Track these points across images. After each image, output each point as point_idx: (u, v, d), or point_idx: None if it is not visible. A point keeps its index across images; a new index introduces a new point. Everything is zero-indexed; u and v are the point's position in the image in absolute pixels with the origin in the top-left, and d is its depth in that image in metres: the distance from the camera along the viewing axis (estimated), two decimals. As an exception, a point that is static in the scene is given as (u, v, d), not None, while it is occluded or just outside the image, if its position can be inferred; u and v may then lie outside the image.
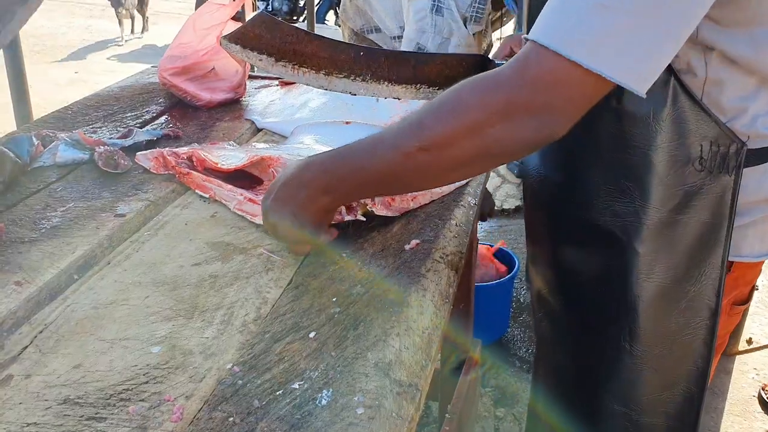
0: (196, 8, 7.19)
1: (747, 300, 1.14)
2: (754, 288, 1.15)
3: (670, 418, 1.08)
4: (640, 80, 0.79)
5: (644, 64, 0.79)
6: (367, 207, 1.10)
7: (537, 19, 0.82)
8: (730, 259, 1.01)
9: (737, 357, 2.59)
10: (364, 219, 1.08)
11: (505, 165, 4.16)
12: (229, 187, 1.18)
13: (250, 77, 1.85)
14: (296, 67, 1.17)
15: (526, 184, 1.23)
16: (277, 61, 1.16)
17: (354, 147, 0.95)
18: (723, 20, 0.87)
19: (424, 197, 1.18)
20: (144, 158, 1.32)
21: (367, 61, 1.16)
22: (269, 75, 2.06)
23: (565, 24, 0.78)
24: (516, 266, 2.58)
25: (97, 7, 8.30)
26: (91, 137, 1.40)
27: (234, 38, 1.17)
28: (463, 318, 1.85)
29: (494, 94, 0.82)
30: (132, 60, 7.34)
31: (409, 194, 1.15)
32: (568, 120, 0.82)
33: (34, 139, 1.35)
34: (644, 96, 0.80)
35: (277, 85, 1.80)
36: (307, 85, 1.18)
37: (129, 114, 1.63)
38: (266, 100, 1.71)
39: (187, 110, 1.66)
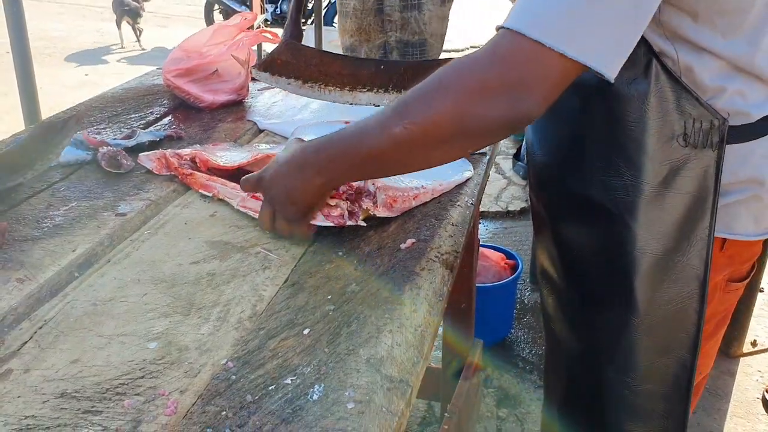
0: (204, 12, 7.19)
1: (745, 277, 1.18)
2: (754, 266, 1.18)
3: (665, 385, 1.12)
4: (604, 63, 0.85)
5: (606, 45, 0.84)
6: (369, 212, 1.11)
7: (511, 8, 0.88)
8: (723, 235, 1.06)
9: (741, 359, 2.58)
10: (365, 224, 1.10)
11: (510, 167, 4.15)
12: (233, 184, 1.19)
13: (253, 79, 1.87)
14: (322, 86, 1.25)
15: (530, 166, 1.28)
16: (305, 83, 1.26)
17: (345, 130, 1.00)
18: (684, 8, 0.92)
19: (425, 195, 1.20)
20: (146, 159, 1.34)
21: (388, 74, 1.23)
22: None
23: (530, 9, 0.85)
24: (520, 267, 2.58)
25: (107, 11, 8.35)
26: (95, 138, 1.42)
27: (263, 67, 1.27)
28: (465, 318, 1.86)
29: (469, 74, 0.88)
30: (141, 62, 7.39)
31: (411, 193, 1.17)
32: (541, 99, 0.86)
33: (38, 139, 1.37)
34: (612, 80, 0.85)
35: (280, 87, 1.82)
36: (334, 102, 1.23)
37: (133, 115, 1.65)
38: (268, 102, 1.73)
39: (190, 111, 1.67)
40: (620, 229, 1.04)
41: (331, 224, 1.07)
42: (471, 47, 7.45)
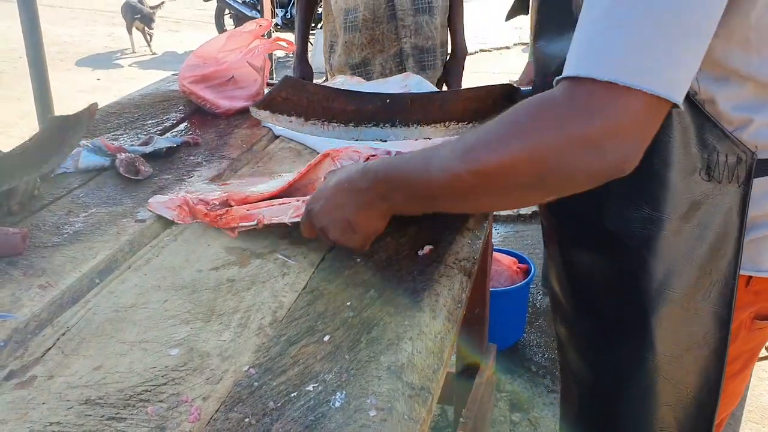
0: (215, 17, 7.21)
1: None
2: None
3: (684, 429, 1.08)
4: (671, 88, 0.77)
5: (672, 71, 0.77)
6: None
7: (567, 58, 0.81)
8: (748, 273, 1.00)
9: (756, 364, 2.56)
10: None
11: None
12: (279, 201, 1.14)
13: (269, 84, 1.88)
14: (326, 123, 1.19)
15: None
16: (307, 120, 1.19)
17: (407, 160, 0.95)
18: (734, 29, 0.86)
19: None
20: (162, 208, 1.21)
21: (394, 107, 1.18)
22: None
23: (595, 51, 0.77)
24: (532, 271, 2.58)
25: (118, 16, 8.40)
26: (113, 144, 1.43)
27: (263, 105, 1.18)
28: (479, 323, 1.86)
29: (548, 126, 0.80)
30: (153, 67, 7.44)
31: None
32: (635, 142, 0.78)
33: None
34: (681, 105, 0.78)
35: (295, 93, 1.83)
36: (338, 138, 1.20)
37: (150, 121, 1.66)
38: (283, 107, 1.73)
39: (207, 118, 1.69)
40: (637, 263, 0.98)
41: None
42: (481, 50, 7.45)
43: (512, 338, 2.65)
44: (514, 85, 1.13)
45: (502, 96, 1.11)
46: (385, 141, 1.18)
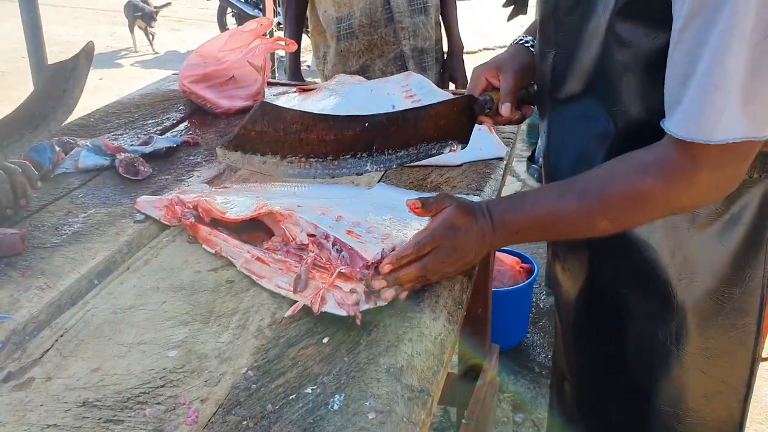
0: (217, 16, 7.18)
1: None
2: None
3: (718, 420, 1.10)
4: None
5: None
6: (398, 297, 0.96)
7: (671, 112, 0.87)
8: None
9: (761, 364, 2.55)
10: (385, 302, 0.94)
11: (525, 169, 4.14)
12: (235, 242, 1.07)
13: (269, 84, 1.87)
14: (303, 160, 1.09)
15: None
16: (283, 159, 1.08)
17: (535, 204, 0.98)
18: None
19: None
20: (151, 207, 1.20)
21: (373, 130, 1.12)
22: (287, 82, 2.08)
23: (699, 115, 0.83)
24: (535, 271, 2.57)
25: (120, 15, 8.39)
26: (113, 144, 1.43)
27: (234, 144, 1.05)
28: (481, 323, 1.85)
29: (673, 187, 0.89)
30: (155, 66, 7.43)
31: None
32: (739, 180, 0.90)
33: (55, 146, 1.38)
34: None
35: (296, 92, 1.82)
36: (314, 178, 1.11)
37: (150, 121, 1.66)
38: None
39: (207, 117, 1.68)
40: (668, 260, 1.02)
41: (345, 313, 0.91)
42: (485, 48, 7.44)
43: (515, 339, 2.64)
44: (473, 95, 1.13)
45: (464, 107, 1.11)
46: (361, 174, 1.14)
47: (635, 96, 0.96)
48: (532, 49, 1.16)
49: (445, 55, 2.51)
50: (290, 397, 0.79)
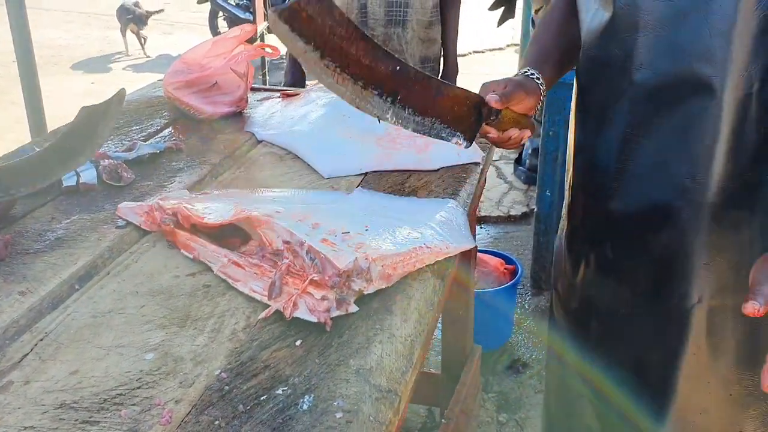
0: (209, 19, 7.15)
1: None
2: None
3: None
4: None
5: None
6: (363, 291, 0.98)
7: None
8: None
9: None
10: (357, 308, 0.96)
11: (512, 171, 4.17)
12: (213, 247, 1.10)
13: (253, 89, 1.90)
14: (338, 70, 1.03)
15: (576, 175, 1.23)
16: (322, 58, 1.02)
17: None
18: None
19: (428, 257, 1.09)
20: (131, 213, 1.23)
21: (399, 80, 1.10)
22: (271, 87, 2.11)
23: None
24: (519, 272, 2.60)
25: (113, 19, 8.39)
26: (97, 150, 1.45)
27: (285, 17, 0.97)
28: (463, 325, 1.88)
29: None
30: (147, 70, 7.44)
31: (413, 258, 1.06)
32: None
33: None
34: None
35: (279, 97, 1.85)
36: (341, 98, 1.06)
37: (134, 127, 1.68)
38: (267, 113, 1.75)
39: (190, 123, 1.70)
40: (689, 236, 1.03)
41: (315, 320, 0.93)
42: (474, 51, 7.47)
43: (500, 340, 2.67)
44: (483, 97, 1.14)
45: (476, 104, 1.13)
46: (381, 120, 1.11)
47: None
48: (538, 82, 1.17)
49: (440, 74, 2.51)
50: (261, 398, 0.82)
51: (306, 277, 0.97)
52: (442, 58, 2.52)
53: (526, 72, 1.17)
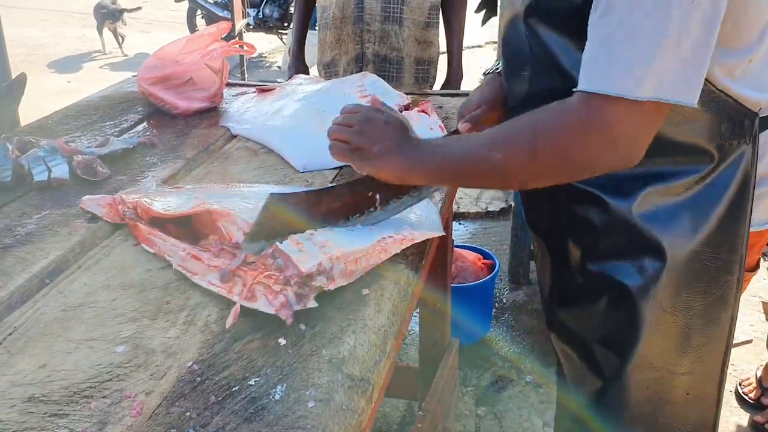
0: (187, 17, 7.11)
1: (755, 267, 1.26)
2: (761, 256, 1.25)
3: (696, 374, 1.16)
4: (690, 93, 0.89)
5: (693, 82, 0.89)
6: (324, 287, 0.97)
7: (583, 71, 0.92)
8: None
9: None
10: (316, 304, 0.95)
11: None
12: (172, 241, 1.09)
13: (228, 84, 1.89)
14: (324, 227, 1.09)
15: None
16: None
17: (446, 144, 1.09)
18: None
19: (394, 246, 1.09)
20: (94, 204, 1.22)
21: (337, 207, 1.12)
22: (246, 82, 2.10)
23: (607, 69, 0.89)
24: (497, 266, 2.61)
25: (90, 17, 8.30)
26: (69, 146, 1.44)
27: (257, 237, 1.04)
28: (440, 318, 1.88)
29: (572, 141, 0.94)
30: (124, 69, 7.37)
31: (378, 248, 1.06)
32: (645, 145, 0.93)
33: (8, 145, 1.38)
34: (696, 105, 0.90)
35: (254, 92, 1.84)
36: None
37: (108, 123, 1.67)
38: (242, 108, 1.75)
39: (165, 118, 1.69)
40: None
41: (274, 311, 0.93)
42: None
43: (478, 333, 2.68)
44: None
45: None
46: (374, 225, 1.14)
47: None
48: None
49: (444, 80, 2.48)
50: (234, 389, 0.81)
51: (265, 269, 0.96)
52: (438, 62, 2.46)
53: (497, 67, 1.28)
